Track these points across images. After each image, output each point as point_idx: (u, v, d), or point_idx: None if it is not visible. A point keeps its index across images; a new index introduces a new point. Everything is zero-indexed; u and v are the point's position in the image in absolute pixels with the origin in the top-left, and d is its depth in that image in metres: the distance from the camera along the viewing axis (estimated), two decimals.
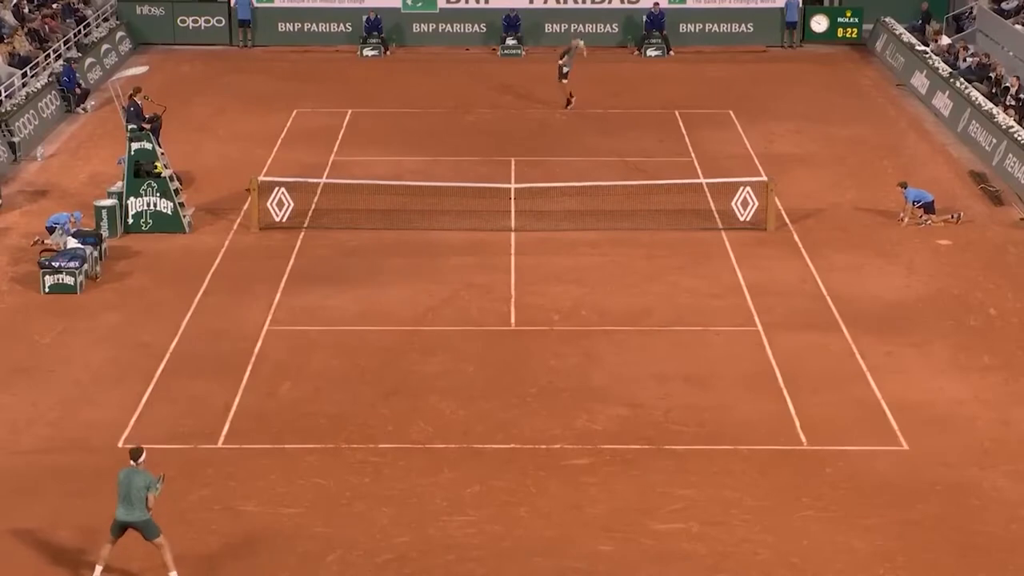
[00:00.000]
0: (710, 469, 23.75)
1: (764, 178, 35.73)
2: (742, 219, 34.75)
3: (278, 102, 45.59)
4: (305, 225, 34.57)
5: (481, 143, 41.22)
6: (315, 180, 36.62)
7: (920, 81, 46.82)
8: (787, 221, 34.91)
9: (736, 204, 34.90)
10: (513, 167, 38.70)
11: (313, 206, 35.46)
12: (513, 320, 29.62)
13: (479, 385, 26.66)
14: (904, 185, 35.00)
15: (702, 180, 37.09)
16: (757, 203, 34.73)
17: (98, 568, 20.48)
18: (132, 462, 20.32)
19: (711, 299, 30.64)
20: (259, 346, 28.27)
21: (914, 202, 34.66)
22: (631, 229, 34.38)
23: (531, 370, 27.30)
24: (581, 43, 44.93)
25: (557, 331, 29.04)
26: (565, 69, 44.60)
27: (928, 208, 34.68)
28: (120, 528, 20.35)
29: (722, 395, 26.37)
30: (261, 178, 35.40)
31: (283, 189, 34.90)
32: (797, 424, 25.24)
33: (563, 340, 28.60)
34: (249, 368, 27.31)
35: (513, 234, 34.11)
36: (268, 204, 34.62)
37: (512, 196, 35.37)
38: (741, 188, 35.04)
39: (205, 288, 31.09)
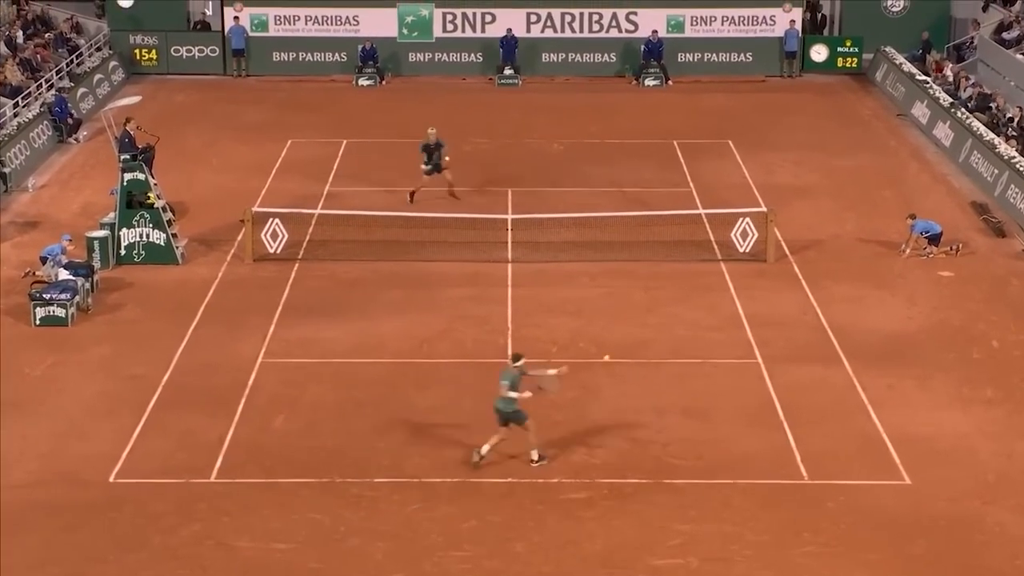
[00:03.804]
0: (710, 503, 23.49)
1: (764, 209, 35.52)
2: (741, 250, 34.54)
3: (272, 132, 45.42)
4: (299, 256, 34.35)
5: (477, 173, 40.96)
6: (310, 211, 36.41)
7: (921, 111, 46.66)
8: (787, 252, 34.69)
9: (735, 235, 34.69)
10: (510, 198, 38.48)
11: (308, 237, 35.27)
12: (510, 352, 29.28)
13: (475, 418, 26.34)
14: (913, 217, 34.76)
15: (701, 211, 36.94)
16: (757, 234, 34.53)
17: (486, 446, 24.25)
18: (510, 362, 24.52)
19: (710, 331, 30.38)
20: (253, 379, 28.02)
21: (922, 233, 34.44)
22: (629, 260, 34.16)
23: (528, 403, 26.96)
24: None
25: (554, 363, 28.70)
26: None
27: (933, 240, 34.45)
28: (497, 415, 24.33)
29: (722, 428, 26.12)
30: (255, 209, 35.18)
31: (277, 220, 34.68)
32: (798, 458, 24.99)
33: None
34: (243, 401, 27.06)
35: (510, 265, 33.87)
36: (262, 235, 34.39)
37: (509, 227, 35.16)
38: (740, 219, 34.84)
39: (198, 320, 30.85)
